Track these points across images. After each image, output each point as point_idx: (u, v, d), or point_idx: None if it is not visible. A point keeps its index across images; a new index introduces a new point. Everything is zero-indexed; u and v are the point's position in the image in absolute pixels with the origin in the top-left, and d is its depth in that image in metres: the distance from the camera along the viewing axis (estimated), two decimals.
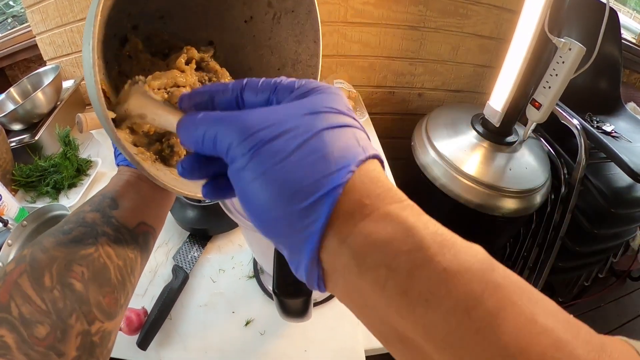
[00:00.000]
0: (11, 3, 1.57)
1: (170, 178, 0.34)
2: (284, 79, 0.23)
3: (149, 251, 0.39)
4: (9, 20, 1.55)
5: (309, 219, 0.18)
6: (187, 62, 0.41)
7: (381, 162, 0.21)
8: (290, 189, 0.18)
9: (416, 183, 1.19)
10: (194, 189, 0.35)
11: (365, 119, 1.09)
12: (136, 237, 0.37)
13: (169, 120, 0.28)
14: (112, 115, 0.31)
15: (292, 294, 0.40)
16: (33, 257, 0.30)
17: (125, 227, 0.36)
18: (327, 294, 0.67)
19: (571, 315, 0.17)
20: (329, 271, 0.19)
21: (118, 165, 0.41)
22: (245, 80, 0.24)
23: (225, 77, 0.44)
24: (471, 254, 0.17)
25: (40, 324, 0.27)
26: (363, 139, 0.20)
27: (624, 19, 1.85)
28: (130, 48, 0.40)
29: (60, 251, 0.31)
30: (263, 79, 0.24)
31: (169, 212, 0.78)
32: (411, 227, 0.17)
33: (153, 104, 0.30)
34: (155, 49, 0.43)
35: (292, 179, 0.18)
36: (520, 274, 1.26)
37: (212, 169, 0.23)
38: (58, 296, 0.29)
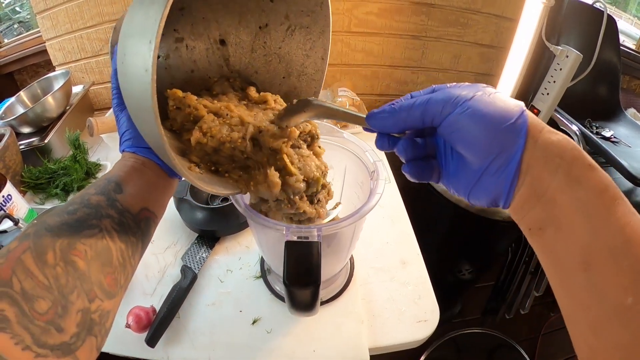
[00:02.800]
0: (18, 9, 1.60)
1: (188, 172, 0.36)
2: (436, 85, 0.33)
3: (150, 237, 0.40)
4: (15, 26, 1.58)
5: (516, 130, 0.27)
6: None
7: None
8: (499, 116, 0.28)
9: (418, 189, 1.20)
10: (209, 184, 0.37)
11: None
12: (139, 222, 0.37)
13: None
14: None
15: (301, 285, 0.42)
16: (37, 235, 0.31)
17: (129, 211, 0.37)
18: (332, 294, 0.68)
19: None
20: (523, 171, 0.28)
21: (122, 151, 0.41)
22: (409, 95, 0.34)
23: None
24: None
25: (41, 298, 0.28)
26: None
27: (624, 25, 1.86)
28: (174, 101, 0.41)
29: (64, 230, 0.32)
30: (424, 90, 0.34)
31: (178, 213, 0.80)
32: (567, 137, 0.28)
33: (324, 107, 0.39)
34: (195, 90, 0.44)
35: (497, 110, 0.28)
36: (522, 278, 1.27)
37: (418, 151, 0.34)
38: (61, 272, 0.29)
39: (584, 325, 0.26)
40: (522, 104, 0.29)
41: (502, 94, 0.30)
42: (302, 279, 0.41)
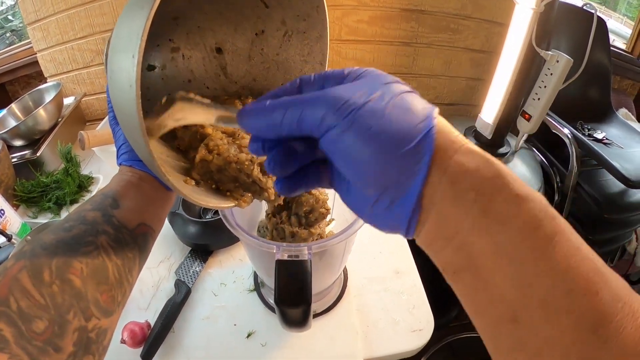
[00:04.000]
0: (10, 17, 1.59)
1: (182, 185, 0.35)
2: (330, 70, 0.27)
3: (148, 251, 0.40)
4: (7, 35, 1.57)
5: (417, 156, 0.21)
6: None
7: None
8: (394, 137, 0.21)
9: None
10: (205, 199, 0.36)
11: None
12: (136, 237, 0.37)
13: (210, 114, 0.31)
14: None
15: (292, 304, 0.42)
16: (33, 253, 0.30)
17: (126, 227, 0.36)
18: (326, 306, 0.68)
19: None
20: (426, 206, 0.22)
21: (120, 165, 0.41)
22: (298, 79, 0.28)
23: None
24: (532, 189, 0.21)
25: (38, 318, 0.27)
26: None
27: (614, 24, 1.87)
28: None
29: (60, 248, 0.31)
30: (314, 74, 0.27)
31: (171, 227, 0.79)
32: (490, 159, 0.21)
33: (195, 106, 0.32)
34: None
35: (394, 129, 0.21)
36: None
37: (294, 164, 0.26)
38: (57, 291, 0.29)
39: None
40: (431, 111, 0.22)
41: (407, 97, 0.23)
42: (293, 298, 0.41)
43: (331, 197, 0.65)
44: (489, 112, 1.08)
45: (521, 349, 0.20)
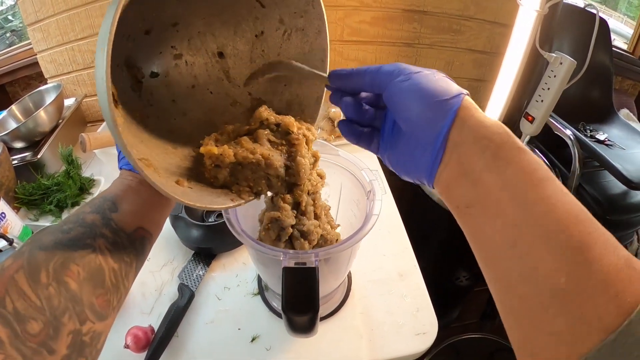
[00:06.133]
0: (10, 17, 1.59)
1: (171, 186, 0.35)
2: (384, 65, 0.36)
3: (145, 256, 0.40)
4: (8, 35, 1.56)
5: (448, 106, 0.29)
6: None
7: None
8: (435, 91, 0.30)
9: (413, 198, 1.21)
10: (195, 198, 0.36)
11: None
12: (133, 241, 0.37)
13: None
14: (120, 120, 0.32)
15: (300, 311, 0.42)
16: (31, 254, 0.31)
17: (124, 230, 0.36)
18: (330, 310, 0.68)
19: None
20: (450, 148, 0.29)
21: (120, 169, 0.41)
22: (363, 67, 0.36)
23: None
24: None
25: (33, 319, 0.28)
26: None
27: (615, 24, 1.87)
28: (211, 159, 0.40)
29: (58, 249, 0.32)
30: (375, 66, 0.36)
31: (174, 231, 0.79)
32: (499, 122, 0.29)
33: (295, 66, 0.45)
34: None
35: (436, 87, 0.30)
36: None
37: (359, 114, 0.37)
38: (53, 293, 0.29)
39: (516, 309, 0.25)
40: (465, 91, 0.31)
41: (450, 80, 0.32)
42: (300, 305, 0.41)
43: (335, 201, 0.64)
44: (492, 114, 1.07)
45: (519, 271, 0.24)
